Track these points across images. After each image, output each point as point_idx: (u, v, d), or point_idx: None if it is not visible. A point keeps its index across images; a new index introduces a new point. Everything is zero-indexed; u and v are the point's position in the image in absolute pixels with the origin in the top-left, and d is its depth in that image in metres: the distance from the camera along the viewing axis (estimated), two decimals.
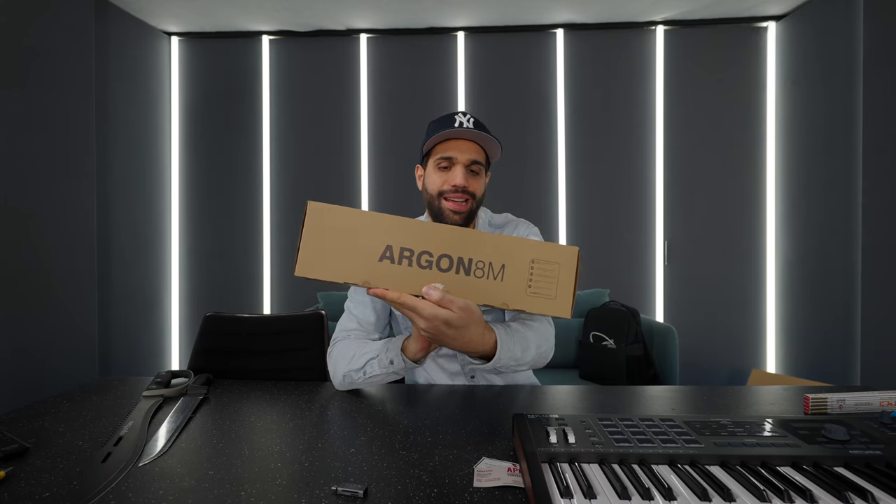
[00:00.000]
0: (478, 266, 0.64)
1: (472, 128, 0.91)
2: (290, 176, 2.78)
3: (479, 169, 0.95)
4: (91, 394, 0.85)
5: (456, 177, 0.92)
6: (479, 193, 0.96)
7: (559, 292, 0.65)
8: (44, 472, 0.55)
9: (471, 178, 0.93)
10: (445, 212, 0.93)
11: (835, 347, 2.18)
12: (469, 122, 0.92)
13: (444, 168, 0.94)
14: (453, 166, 0.93)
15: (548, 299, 0.65)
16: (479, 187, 0.95)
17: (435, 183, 0.94)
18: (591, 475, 0.48)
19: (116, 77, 2.41)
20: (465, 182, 0.92)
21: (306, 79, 2.77)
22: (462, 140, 0.94)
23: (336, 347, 0.92)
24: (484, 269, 0.64)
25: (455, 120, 0.93)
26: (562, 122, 2.70)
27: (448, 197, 0.92)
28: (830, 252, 2.22)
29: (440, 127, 0.93)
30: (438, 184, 0.94)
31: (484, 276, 0.64)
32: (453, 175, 0.92)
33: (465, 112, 0.95)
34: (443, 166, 0.94)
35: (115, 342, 2.40)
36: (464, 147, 0.93)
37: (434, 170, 0.95)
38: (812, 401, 0.73)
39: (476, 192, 0.94)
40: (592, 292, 2.51)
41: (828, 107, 2.24)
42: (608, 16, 2.57)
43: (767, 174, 2.61)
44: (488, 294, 0.65)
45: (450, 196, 0.92)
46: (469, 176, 0.93)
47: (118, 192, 2.43)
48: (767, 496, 0.43)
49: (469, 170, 0.93)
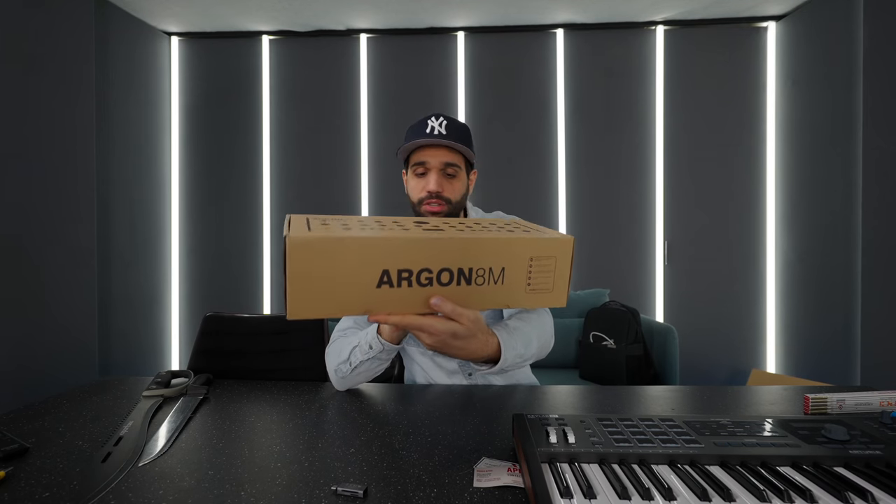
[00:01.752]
0: (478, 273, 0.61)
1: (443, 132, 0.92)
2: (290, 176, 2.78)
3: (454, 171, 0.95)
4: (91, 394, 0.85)
5: (430, 182, 0.93)
6: (457, 196, 0.96)
7: (556, 284, 0.64)
8: (44, 472, 0.55)
9: (446, 182, 0.94)
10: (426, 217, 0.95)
11: (835, 347, 2.18)
12: (441, 126, 0.93)
13: (421, 175, 0.96)
14: (428, 172, 0.94)
15: (546, 293, 0.64)
16: (455, 190, 0.96)
17: (414, 190, 0.97)
18: (590, 475, 0.48)
19: (116, 77, 2.41)
20: (439, 187, 0.93)
21: (306, 79, 2.77)
22: (435, 145, 0.94)
23: (331, 347, 0.92)
24: (485, 276, 0.61)
25: (427, 125, 0.93)
26: (562, 122, 2.70)
27: (426, 202, 0.94)
28: (830, 252, 2.21)
29: (413, 134, 0.95)
30: (417, 190, 0.96)
31: (485, 282, 0.62)
32: (427, 181, 0.94)
33: (437, 115, 0.95)
34: (419, 173, 0.96)
35: (115, 342, 2.40)
36: (436, 152, 0.94)
37: (412, 177, 0.98)
38: (812, 401, 0.73)
39: (452, 196, 0.95)
40: (592, 292, 2.51)
41: (828, 107, 2.24)
42: (608, 16, 2.57)
43: (767, 174, 2.61)
44: (491, 299, 0.63)
45: (427, 202, 0.94)
46: (444, 179, 0.94)
47: (118, 192, 2.43)
48: (767, 496, 0.43)
49: (444, 173, 0.94)
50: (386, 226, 0.59)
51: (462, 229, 0.61)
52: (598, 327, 2.24)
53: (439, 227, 0.61)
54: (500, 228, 0.64)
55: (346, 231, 0.55)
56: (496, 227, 0.64)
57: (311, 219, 0.59)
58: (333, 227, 0.56)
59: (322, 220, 0.59)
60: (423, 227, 0.60)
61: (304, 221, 0.57)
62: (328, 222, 0.58)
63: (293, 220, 0.57)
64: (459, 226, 0.63)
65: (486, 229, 0.63)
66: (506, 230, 0.64)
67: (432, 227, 0.61)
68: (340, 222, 0.59)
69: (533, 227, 0.67)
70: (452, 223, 0.64)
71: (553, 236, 0.63)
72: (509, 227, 0.66)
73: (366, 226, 0.58)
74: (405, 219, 0.65)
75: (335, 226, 0.57)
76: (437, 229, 0.60)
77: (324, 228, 0.55)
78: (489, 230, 0.63)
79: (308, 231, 0.53)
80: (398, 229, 0.58)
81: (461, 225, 0.64)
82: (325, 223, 0.57)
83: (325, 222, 0.58)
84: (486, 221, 0.68)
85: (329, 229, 0.55)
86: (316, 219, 0.59)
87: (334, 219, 0.61)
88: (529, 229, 0.66)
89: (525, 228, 0.66)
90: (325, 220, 0.59)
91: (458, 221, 0.66)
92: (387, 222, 0.62)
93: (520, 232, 0.64)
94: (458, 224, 0.64)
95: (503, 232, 0.63)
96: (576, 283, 2.69)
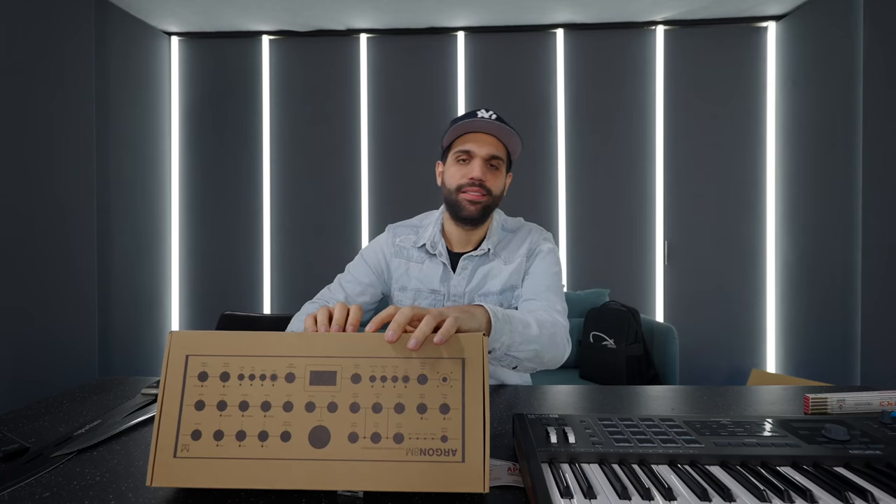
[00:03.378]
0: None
1: (494, 123, 0.92)
2: (290, 176, 2.78)
3: (498, 164, 0.95)
4: (91, 394, 0.85)
5: (474, 169, 0.92)
6: (497, 190, 0.96)
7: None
8: (44, 472, 0.55)
9: (489, 173, 0.94)
10: (462, 203, 0.94)
11: (835, 347, 2.18)
12: (490, 117, 0.93)
13: (463, 161, 0.94)
14: (472, 160, 0.93)
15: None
16: (496, 183, 0.95)
17: (454, 177, 0.95)
18: (591, 475, 0.48)
19: (116, 77, 2.41)
20: (483, 175, 0.92)
21: (306, 79, 2.77)
22: (481, 134, 0.93)
23: (296, 317, 0.97)
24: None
25: (476, 114, 0.93)
26: (562, 122, 2.70)
27: (466, 189, 0.93)
28: (830, 252, 2.21)
29: (461, 120, 0.94)
30: (457, 177, 0.94)
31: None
32: (471, 168, 0.93)
33: (487, 108, 0.95)
34: (461, 160, 0.94)
35: (115, 342, 2.40)
36: (483, 141, 0.93)
37: (453, 163, 0.96)
38: (812, 401, 0.73)
39: (493, 188, 0.94)
40: (592, 292, 2.51)
41: (828, 107, 2.24)
42: (608, 16, 2.57)
43: (767, 174, 2.61)
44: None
45: (467, 189, 0.93)
46: (488, 170, 0.93)
47: (118, 193, 2.43)
48: (767, 496, 0.43)
49: (488, 164, 0.94)
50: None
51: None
52: (598, 327, 2.24)
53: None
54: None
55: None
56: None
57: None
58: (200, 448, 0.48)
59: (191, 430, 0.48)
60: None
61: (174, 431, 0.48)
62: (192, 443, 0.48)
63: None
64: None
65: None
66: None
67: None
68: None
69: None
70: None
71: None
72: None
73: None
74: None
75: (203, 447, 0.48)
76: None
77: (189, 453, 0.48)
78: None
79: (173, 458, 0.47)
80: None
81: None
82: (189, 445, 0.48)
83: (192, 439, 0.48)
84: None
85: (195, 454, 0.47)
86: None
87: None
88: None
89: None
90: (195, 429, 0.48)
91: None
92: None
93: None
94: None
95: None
96: (576, 283, 2.69)
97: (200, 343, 0.51)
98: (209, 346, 0.51)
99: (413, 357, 0.50)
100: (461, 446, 0.47)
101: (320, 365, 0.50)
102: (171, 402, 0.49)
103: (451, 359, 0.50)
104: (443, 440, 0.48)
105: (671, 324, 2.33)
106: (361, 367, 0.50)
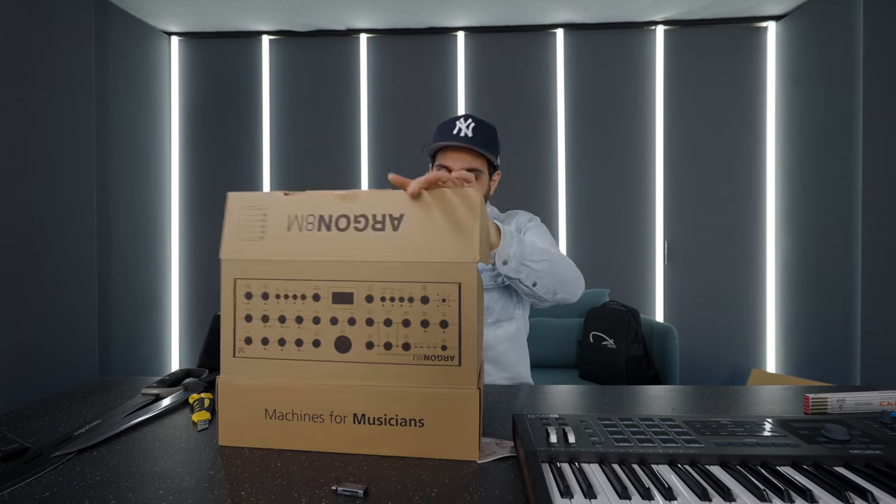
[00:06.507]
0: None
1: (468, 135, 0.93)
2: (289, 176, 2.78)
3: (477, 174, 0.97)
4: (91, 394, 0.85)
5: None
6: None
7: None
8: (44, 472, 0.55)
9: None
10: None
11: (835, 347, 2.18)
12: (468, 129, 0.94)
13: None
14: None
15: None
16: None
17: None
18: (591, 475, 0.48)
19: (116, 77, 2.41)
20: None
21: (306, 79, 2.77)
22: (457, 152, 0.96)
23: None
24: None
25: (455, 126, 0.94)
26: (562, 122, 2.70)
27: None
28: (830, 252, 2.21)
29: (440, 134, 0.96)
30: None
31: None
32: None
33: (467, 116, 0.96)
34: None
35: (115, 342, 2.40)
36: (459, 156, 0.95)
37: None
38: (812, 401, 0.73)
39: None
40: (592, 292, 2.51)
41: (828, 107, 2.24)
42: (608, 16, 2.57)
43: (767, 174, 2.61)
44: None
45: None
46: None
47: (118, 193, 2.43)
48: (767, 496, 0.43)
49: None
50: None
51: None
52: (598, 327, 2.24)
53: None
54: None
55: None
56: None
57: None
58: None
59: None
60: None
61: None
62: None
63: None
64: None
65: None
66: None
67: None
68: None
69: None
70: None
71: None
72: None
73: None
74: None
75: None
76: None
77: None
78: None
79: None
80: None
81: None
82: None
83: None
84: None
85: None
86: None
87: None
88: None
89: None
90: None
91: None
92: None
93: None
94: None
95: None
96: None
97: (244, 269, 0.63)
98: (251, 272, 0.63)
99: (416, 281, 0.59)
100: (458, 353, 0.58)
101: (340, 287, 0.61)
102: (227, 315, 0.62)
103: (449, 283, 0.59)
104: (443, 349, 0.58)
105: (671, 324, 2.33)
106: (374, 289, 0.60)
